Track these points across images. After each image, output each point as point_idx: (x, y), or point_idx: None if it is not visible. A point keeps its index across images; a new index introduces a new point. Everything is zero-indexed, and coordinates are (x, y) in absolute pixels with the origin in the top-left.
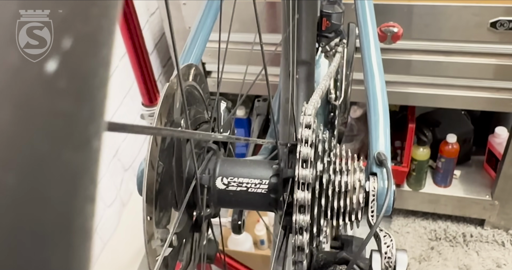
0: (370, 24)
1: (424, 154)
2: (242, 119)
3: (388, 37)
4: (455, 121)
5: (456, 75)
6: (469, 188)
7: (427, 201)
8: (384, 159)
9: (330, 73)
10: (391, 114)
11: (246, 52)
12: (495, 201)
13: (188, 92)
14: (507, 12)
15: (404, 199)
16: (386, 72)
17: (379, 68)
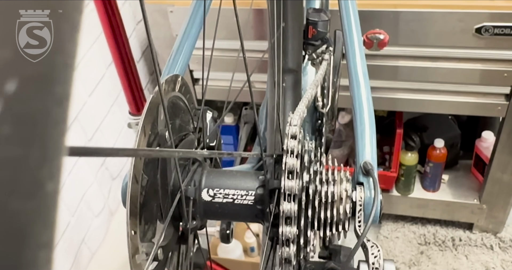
0: (355, 32)
1: (412, 159)
2: (230, 126)
3: (374, 44)
4: (442, 126)
5: (442, 81)
6: (457, 192)
7: (416, 205)
8: (370, 169)
9: (316, 81)
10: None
11: (233, 59)
12: (483, 205)
13: (173, 103)
14: (491, 18)
15: (393, 204)
16: (373, 78)
17: (364, 77)
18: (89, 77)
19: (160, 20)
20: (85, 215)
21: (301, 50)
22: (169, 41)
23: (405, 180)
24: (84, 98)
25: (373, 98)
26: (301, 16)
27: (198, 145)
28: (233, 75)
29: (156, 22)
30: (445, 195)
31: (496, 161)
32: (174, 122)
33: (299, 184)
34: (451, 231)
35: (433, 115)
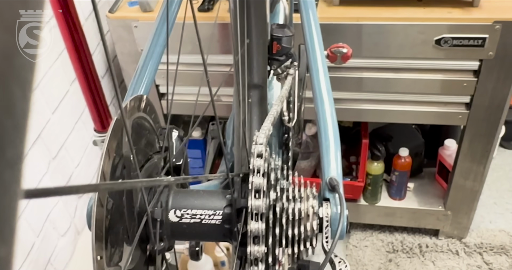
0: (317, 48)
1: (378, 169)
2: (198, 140)
3: (338, 57)
4: (406, 135)
5: (405, 91)
6: (422, 199)
7: (383, 214)
8: (336, 185)
9: (282, 96)
10: (344, 130)
11: (199, 73)
12: (448, 211)
13: (137, 124)
14: (450, 29)
15: (361, 213)
16: (338, 90)
17: (328, 93)
18: (52, 93)
19: (125, 35)
20: (51, 235)
21: (266, 66)
22: (134, 56)
23: (372, 189)
24: (48, 115)
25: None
26: (265, 32)
27: (165, 165)
28: (199, 89)
29: (121, 37)
30: (411, 203)
31: (459, 168)
32: (140, 142)
33: (266, 203)
34: (418, 238)
35: (397, 125)
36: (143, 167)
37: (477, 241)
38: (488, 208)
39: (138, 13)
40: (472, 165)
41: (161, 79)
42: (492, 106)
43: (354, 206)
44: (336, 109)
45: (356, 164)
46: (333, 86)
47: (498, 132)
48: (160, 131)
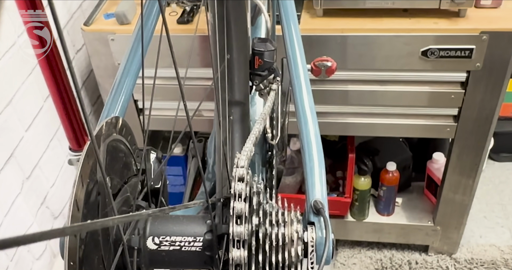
0: (300, 63)
1: (365, 184)
2: (179, 156)
3: (322, 71)
4: (394, 149)
5: (391, 104)
6: (411, 215)
7: (371, 230)
8: (321, 208)
9: (264, 114)
10: (330, 145)
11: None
12: (437, 226)
13: (113, 147)
14: (436, 41)
15: (349, 230)
16: (323, 103)
17: (311, 112)
18: (25, 110)
19: (101, 48)
20: (25, 259)
21: (248, 81)
22: (111, 71)
23: (359, 205)
24: (21, 133)
25: (324, 123)
26: (246, 47)
27: (142, 188)
28: (178, 104)
29: (97, 50)
30: (400, 218)
31: (448, 182)
32: (115, 166)
33: (248, 229)
34: (407, 255)
35: (384, 138)
36: (120, 191)
37: (467, 256)
38: (478, 222)
39: (114, 26)
40: (461, 179)
41: (139, 94)
42: (480, 118)
43: (341, 223)
44: (321, 123)
45: (342, 179)
46: (317, 99)
47: (487, 144)
48: (137, 153)
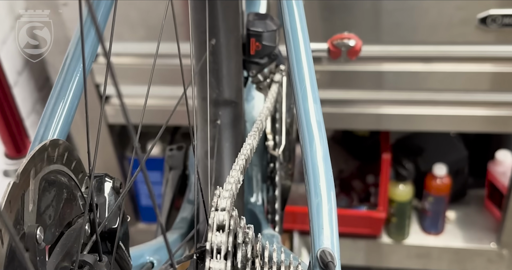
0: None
1: (405, 193)
2: (157, 159)
3: (342, 52)
4: (443, 147)
5: (440, 88)
6: (467, 234)
7: (414, 255)
8: (330, 262)
9: (264, 114)
10: (359, 141)
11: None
12: (503, 249)
13: (48, 183)
14: (499, 4)
15: (384, 255)
16: (349, 88)
17: (319, 126)
18: None
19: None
20: None
21: (241, 73)
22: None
23: (397, 222)
24: None
25: (350, 114)
26: (238, 27)
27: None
28: (148, 88)
29: None
30: (452, 239)
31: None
32: (54, 206)
33: None
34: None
35: (430, 134)
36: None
37: None
38: None
39: None
40: None
41: (101, 76)
42: None
43: (373, 245)
44: (347, 114)
45: (374, 187)
46: (343, 83)
47: None
48: (86, 182)
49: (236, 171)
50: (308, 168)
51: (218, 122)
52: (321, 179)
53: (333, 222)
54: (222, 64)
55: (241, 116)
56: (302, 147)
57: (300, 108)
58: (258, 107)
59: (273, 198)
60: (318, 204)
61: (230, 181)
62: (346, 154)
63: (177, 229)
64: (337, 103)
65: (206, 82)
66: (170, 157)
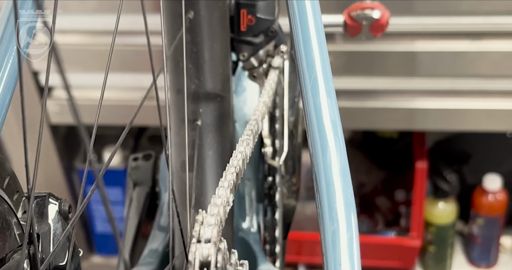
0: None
1: (447, 214)
2: (117, 170)
3: (363, 27)
4: (496, 152)
5: (493, 74)
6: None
7: None
8: None
9: (258, 113)
10: (385, 144)
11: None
12: None
13: None
14: None
15: None
16: (372, 75)
17: (334, 126)
18: None
19: None
20: None
21: (229, 56)
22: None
23: (437, 251)
24: None
25: (373, 110)
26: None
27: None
28: (105, 77)
29: None
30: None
31: None
32: None
33: None
34: None
35: (479, 135)
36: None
37: None
38: None
39: None
40: None
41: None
42: None
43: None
44: (370, 109)
45: (406, 206)
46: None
47: None
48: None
49: (224, 189)
50: (321, 184)
51: (198, 123)
52: (337, 198)
53: (354, 257)
54: (203, 44)
55: (228, 115)
56: (312, 156)
57: (309, 104)
58: (252, 101)
59: (272, 223)
60: (335, 232)
61: (216, 203)
62: (368, 163)
63: (145, 265)
64: (355, 95)
65: (182, 69)
66: (134, 169)
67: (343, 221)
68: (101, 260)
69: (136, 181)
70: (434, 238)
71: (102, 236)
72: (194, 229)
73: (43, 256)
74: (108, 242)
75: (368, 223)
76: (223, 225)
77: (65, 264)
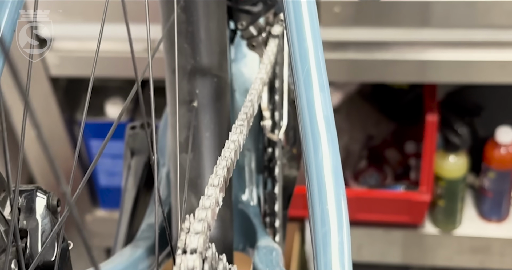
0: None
1: (457, 167)
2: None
3: None
4: (509, 104)
5: (508, 24)
6: None
7: (468, 249)
8: None
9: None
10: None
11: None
12: None
13: None
14: None
15: (428, 249)
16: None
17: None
18: None
19: None
20: None
21: (225, 29)
22: None
23: (447, 206)
24: None
25: (382, 62)
26: None
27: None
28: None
29: None
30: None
31: None
32: None
33: None
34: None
35: (492, 87)
36: None
37: None
38: None
39: None
40: None
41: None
42: None
43: (414, 237)
44: (380, 61)
45: (415, 158)
46: (372, 18)
47: None
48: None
49: (213, 188)
50: (312, 184)
51: (194, 104)
52: (329, 200)
53: (345, 261)
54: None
55: (226, 94)
56: (304, 154)
57: (302, 98)
58: (252, 68)
59: (272, 197)
60: (326, 234)
61: (205, 205)
62: (377, 114)
63: (143, 240)
64: (364, 47)
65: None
66: (131, 137)
67: (335, 223)
68: (105, 213)
69: (133, 150)
70: (444, 192)
71: (105, 190)
72: (180, 238)
73: (32, 254)
74: (111, 195)
75: (376, 176)
76: (211, 229)
77: (54, 261)
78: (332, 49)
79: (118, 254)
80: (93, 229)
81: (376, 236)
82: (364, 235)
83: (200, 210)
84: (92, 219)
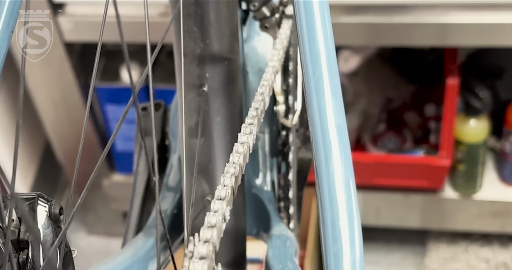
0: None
1: (478, 131)
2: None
3: None
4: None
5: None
6: None
7: (488, 213)
8: None
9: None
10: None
11: None
12: None
13: None
14: None
15: (448, 213)
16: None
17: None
18: None
19: None
20: None
21: (236, 10)
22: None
23: (467, 170)
24: None
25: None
26: None
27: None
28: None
29: None
30: None
31: None
32: None
33: None
34: None
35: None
36: None
37: None
38: None
39: None
40: None
41: None
42: None
43: (434, 202)
44: (399, 25)
45: (435, 121)
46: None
47: None
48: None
49: (220, 202)
50: (324, 198)
51: (204, 88)
52: (341, 216)
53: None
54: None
55: (237, 78)
56: (315, 166)
57: (313, 106)
58: (265, 48)
59: (287, 181)
60: (337, 253)
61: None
62: (396, 76)
63: (154, 227)
64: (383, 10)
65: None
66: (144, 117)
67: (347, 242)
68: (122, 178)
69: (146, 131)
70: (465, 156)
71: (122, 155)
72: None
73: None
74: (128, 160)
75: (395, 140)
76: (217, 249)
77: None
78: (351, 13)
79: (130, 243)
80: (110, 194)
81: (394, 200)
82: (382, 199)
83: (205, 229)
84: (109, 184)
